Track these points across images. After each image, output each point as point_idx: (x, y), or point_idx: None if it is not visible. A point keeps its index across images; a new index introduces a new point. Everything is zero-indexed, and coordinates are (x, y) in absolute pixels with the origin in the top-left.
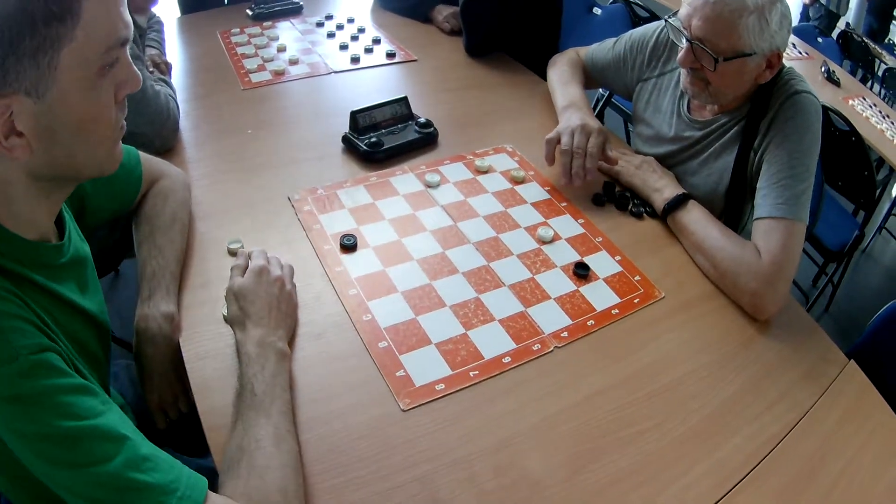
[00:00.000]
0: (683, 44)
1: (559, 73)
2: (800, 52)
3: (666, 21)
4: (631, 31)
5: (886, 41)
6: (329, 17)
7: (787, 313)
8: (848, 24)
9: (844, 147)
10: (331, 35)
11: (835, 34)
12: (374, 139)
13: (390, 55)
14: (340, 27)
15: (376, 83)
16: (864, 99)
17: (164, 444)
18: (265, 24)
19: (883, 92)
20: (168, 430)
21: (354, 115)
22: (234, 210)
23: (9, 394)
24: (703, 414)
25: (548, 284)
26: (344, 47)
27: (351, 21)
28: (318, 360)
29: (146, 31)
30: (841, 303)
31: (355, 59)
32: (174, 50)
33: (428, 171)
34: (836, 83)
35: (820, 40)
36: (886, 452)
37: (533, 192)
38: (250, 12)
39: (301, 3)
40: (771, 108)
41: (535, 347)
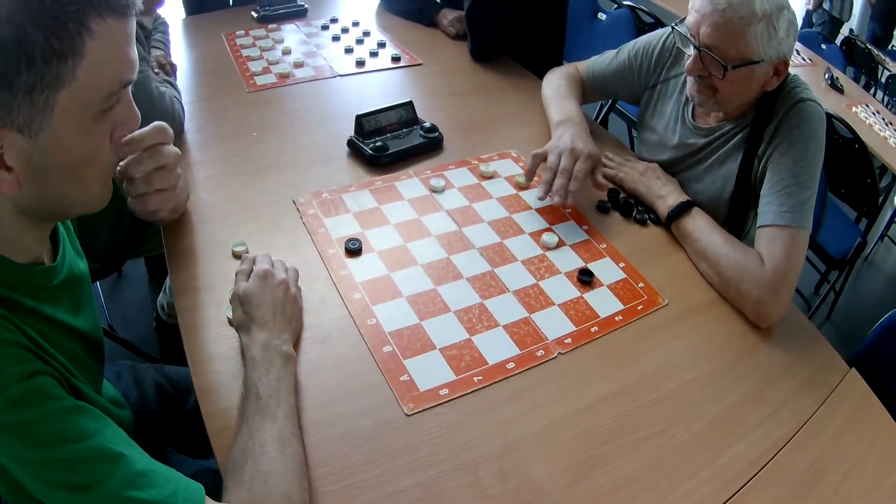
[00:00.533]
0: (691, 51)
1: (555, 86)
2: (803, 59)
3: (673, 28)
4: (635, 41)
5: (890, 48)
6: (334, 21)
7: (789, 321)
8: (851, 31)
9: (847, 154)
10: (336, 38)
11: (838, 40)
12: (379, 143)
13: (395, 59)
14: (345, 30)
15: (381, 87)
16: (868, 106)
17: (167, 446)
18: (270, 26)
19: (886, 99)
20: (171, 432)
21: (360, 119)
22: (239, 213)
23: (2, 422)
24: (706, 421)
25: (552, 291)
26: (349, 51)
27: (356, 24)
28: (323, 364)
29: (151, 32)
30: (843, 310)
31: (360, 63)
32: (179, 51)
33: (433, 176)
34: (840, 90)
35: (823, 47)
36: (887, 460)
37: (537, 199)
38: (255, 14)
39: (306, 5)
40: (775, 115)
41: (538, 353)
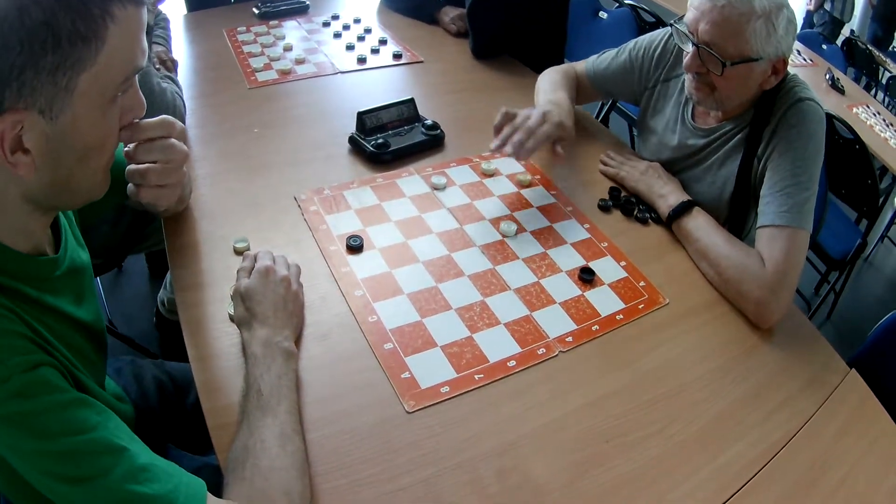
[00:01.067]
0: (689, 48)
1: (549, 80)
2: (804, 59)
3: (672, 25)
4: (636, 40)
5: (891, 49)
6: (335, 17)
7: (789, 321)
8: (852, 31)
9: (848, 155)
10: (337, 35)
11: (839, 41)
12: (380, 140)
13: (397, 56)
14: (347, 27)
15: (383, 84)
16: (868, 107)
17: (167, 442)
18: (271, 22)
19: (887, 100)
20: (172, 427)
21: (361, 116)
22: (240, 209)
23: (3, 413)
24: (706, 420)
25: (553, 289)
26: (350, 47)
27: (357, 21)
28: (324, 360)
29: (153, 28)
30: (843, 311)
31: (362, 60)
32: (180, 47)
33: (434, 174)
34: (841, 91)
35: (824, 47)
36: (887, 461)
37: (539, 197)
38: (256, 10)
39: (307, 2)
40: (774, 115)
41: (539, 351)
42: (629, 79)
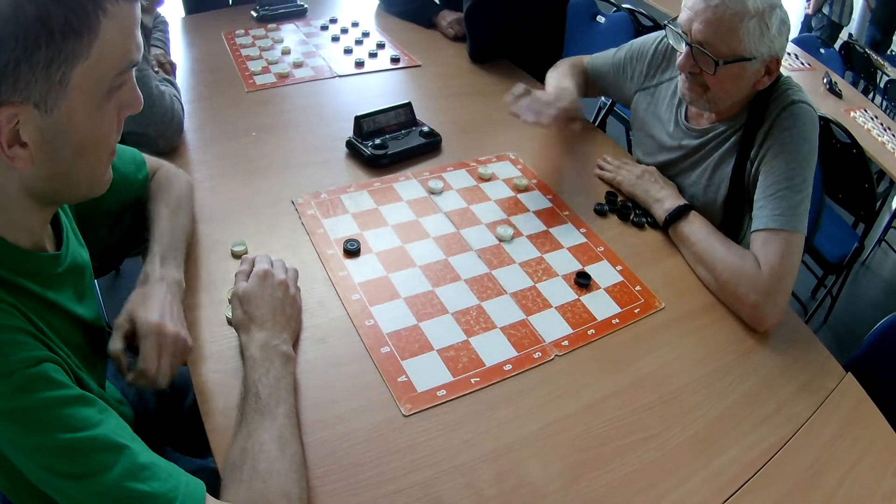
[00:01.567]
0: (683, 48)
1: (558, 71)
2: (802, 63)
3: (666, 26)
4: (631, 42)
5: (889, 53)
6: (333, 21)
7: (785, 325)
8: (850, 35)
9: (845, 159)
10: (335, 39)
11: (837, 45)
12: (378, 144)
13: (394, 60)
14: (345, 31)
15: (380, 88)
16: (866, 111)
17: (164, 444)
18: (269, 25)
19: (885, 104)
20: (169, 430)
21: (359, 120)
22: (238, 212)
23: (5, 408)
24: (702, 424)
25: (549, 293)
26: (348, 51)
27: (355, 25)
28: (321, 364)
29: (151, 31)
30: (839, 315)
31: (359, 64)
32: (178, 50)
33: (431, 178)
34: (838, 95)
35: (822, 51)
36: (882, 464)
37: (536, 201)
38: (254, 14)
39: (305, 5)
40: (767, 118)
41: (535, 355)
42: (620, 79)
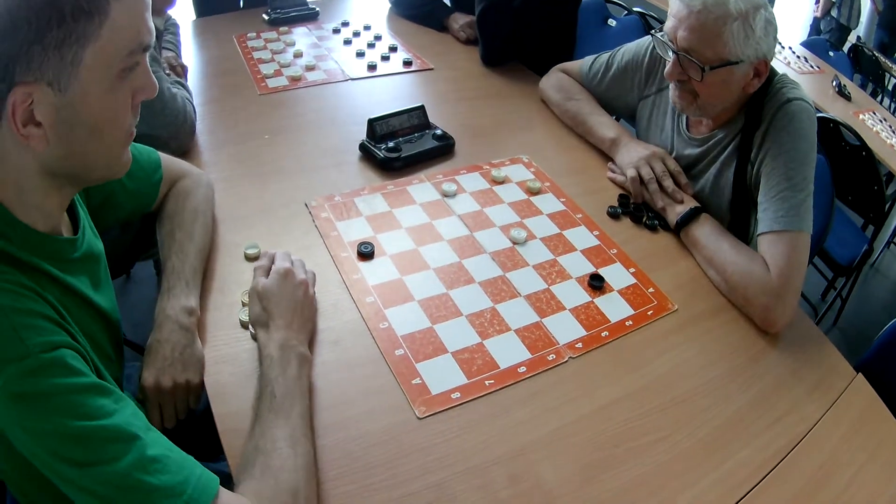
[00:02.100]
0: (670, 57)
1: (585, 103)
2: (811, 66)
3: (652, 35)
4: (621, 50)
5: None
6: (345, 24)
7: (796, 327)
8: (859, 38)
9: (854, 161)
10: (347, 42)
11: (846, 48)
12: (391, 147)
13: (407, 63)
14: (357, 34)
15: (393, 91)
16: (875, 113)
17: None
18: (281, 29)
19: (893, 106)
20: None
21: (372, 122)
22: (251, 215)
23: (18, 391)
24: (714, 425)
25: (563, 295)
26: (360, 54)
27: (367, 28)
28: (335, 366)
29: (163, 34)
30: (849, 317)
31: (372, 67)
32: (190, 53)
33: (445, 181)
34: (847, 97)
35: (831, 54)
36: (892, 465)
37: (549, 204)
38: (266, 17)
39: (317, 9)
40: (764, 118)
41: (549, 357)
42: (624, 91)
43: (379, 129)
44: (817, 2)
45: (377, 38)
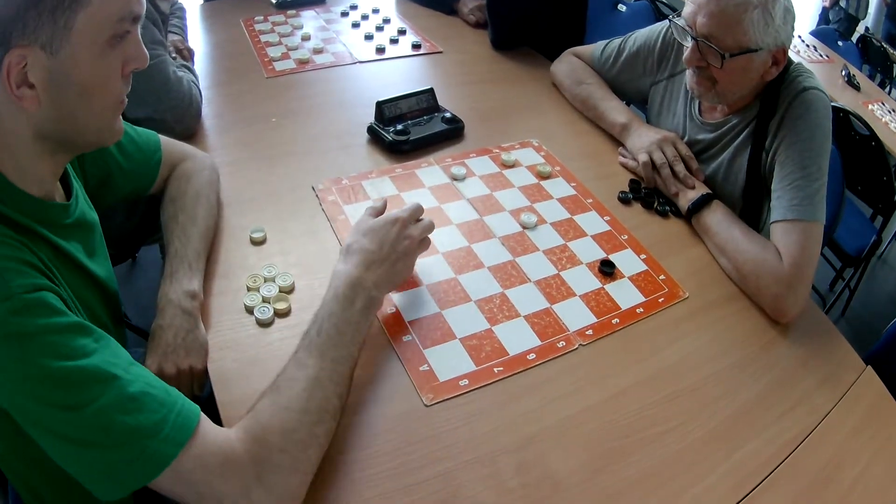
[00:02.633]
0: (689, 43)
1: (596, 87)
2: (820, 55)
3: (670, 21)
4: (633, 36)
5: None
6: (353, 7)
7: (806, 317)
8: (867, 29)
9: (863, 152)
10: (355, 25)
11: (854, 38)
12: (400, 130)
13: (416, 46)
14: (365, 17)
15: (401, 74)
16: (884, 104)
17: None
18: (289, 12)
19: None
20: None
21: (380, 105)
22: (258, 198)
23: (3, 332)
24: (724, 416)
25: (573, 281)
26: (369, 37)
27: (376, 11)
28: None
29: (169, 17)
30: (857, 307)
31: (380, 50)
32: (197, 37)
33: (454, 164)
34: (857, 87)
35: (840, 44)
36: None
37: (559, 188)
38: (274, 1)
39: None
40: (780, 107)
41: (559, 344)
42: (635, 75)
43: (387, 112)
44: None
45: (386, 21)
